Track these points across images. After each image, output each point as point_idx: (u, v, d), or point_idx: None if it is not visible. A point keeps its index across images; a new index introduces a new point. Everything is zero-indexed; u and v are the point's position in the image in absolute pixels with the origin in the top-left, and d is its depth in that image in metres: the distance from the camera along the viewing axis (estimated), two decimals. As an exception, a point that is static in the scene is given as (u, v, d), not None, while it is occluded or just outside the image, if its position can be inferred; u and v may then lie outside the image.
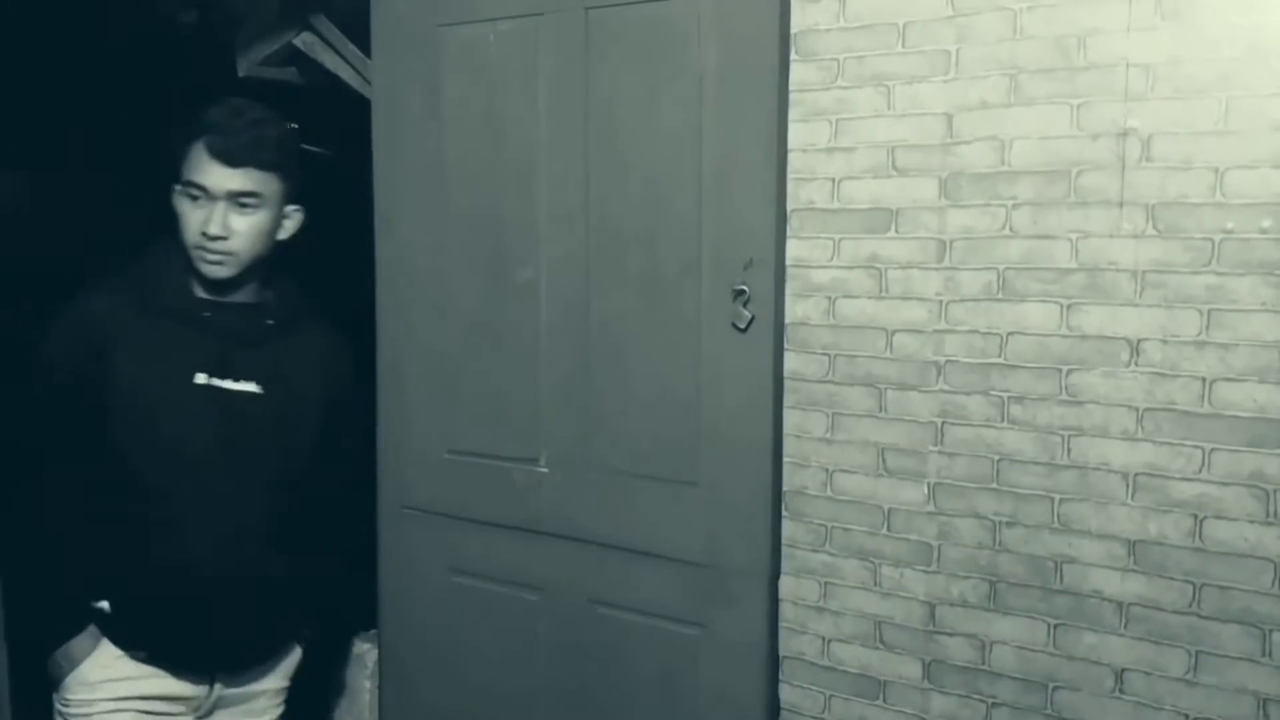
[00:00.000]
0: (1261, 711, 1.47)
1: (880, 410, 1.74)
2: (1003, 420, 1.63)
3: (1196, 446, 1.49)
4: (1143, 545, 1.53)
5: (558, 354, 2.06)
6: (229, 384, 1.83)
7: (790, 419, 1.83)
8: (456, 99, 2.13)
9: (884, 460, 1.74)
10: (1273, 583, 1.46)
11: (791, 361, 1.82)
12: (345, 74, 2.62)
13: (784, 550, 1.85)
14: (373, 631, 2.45)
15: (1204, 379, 1.48)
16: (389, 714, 2.38)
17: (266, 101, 1.88)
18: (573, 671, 2.09)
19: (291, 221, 1.88)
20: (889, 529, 1.74)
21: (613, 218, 1.98)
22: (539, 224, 2.06)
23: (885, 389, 1.73)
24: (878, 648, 1.75)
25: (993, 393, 1.63)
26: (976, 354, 1.65)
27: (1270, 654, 1.46)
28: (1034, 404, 1.60)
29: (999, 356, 1.63)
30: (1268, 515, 1.45)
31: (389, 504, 2.32)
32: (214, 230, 1.76)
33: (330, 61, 2.62)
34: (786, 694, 1.86)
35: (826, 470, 1.80)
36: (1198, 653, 1.51)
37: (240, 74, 2.73)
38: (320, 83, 2.72)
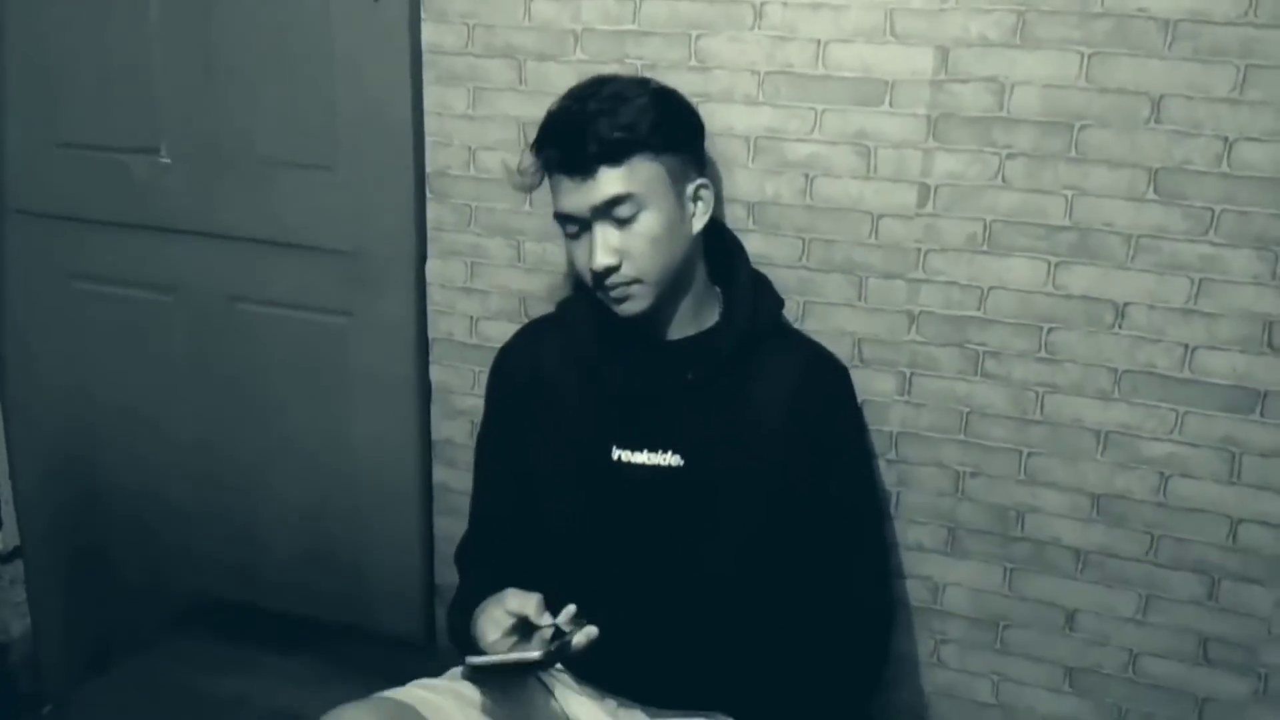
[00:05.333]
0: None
1: (520, 83, 1.71)
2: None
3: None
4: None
5: (173, 28, 1.86)
6: (641, 456, 1.41)
7: (430, 95, 1.76)
8: None
9: (524, 134, 1.72)
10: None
11: (429, 33, 1.74)
12: None
13: (429, 233, 1.83)
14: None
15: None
16: (15, 438, 2.23)
17: None
18: (215, 372, 2.02)
19: (702, 203, 1.39)
20: (531, 206, 1.75)
21: None
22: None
23: (525, 60, 1.69)
24: (523, 320, 1.78)
25: (629, 59, 1.63)
26: (612, 22, 1.63)
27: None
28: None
29: (633, 24, 1.62)
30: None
31: (-9, 207, 2.08)
32: (597, 263, 1.32)
33: None
34: (436, 374, 1.89)
35: (469, 149, 1.77)
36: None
37: None
38: None
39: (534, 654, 1.22)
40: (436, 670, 1.50)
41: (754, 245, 1.62)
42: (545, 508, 1.47)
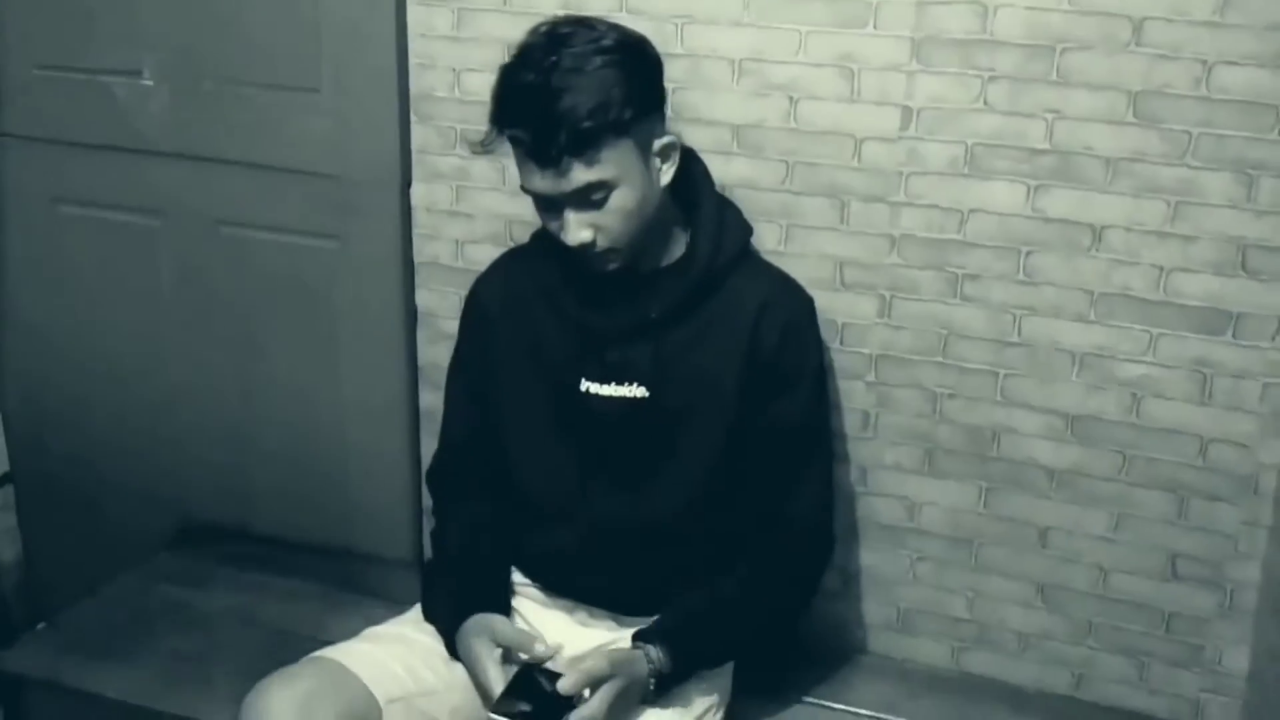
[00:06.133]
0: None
1: (504, 4, 1.70)
2: None
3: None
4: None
5: (154, -52, 1.85)
6: (608, 389, 1.43)
7: (414, 16, 1.75)
8: None
9: (508, 55, 1.71)
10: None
11: (412, -47, 1.73)
12: None
13: (414, 156, 1.83)
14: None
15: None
16: (3, 363, 2.23)
17: None
18: (202, 295, 2.02)
19: (669, 162, 1.36)
20: (516, 128, 1.75)
21: None
22: None
23: (509, -19, 1.69)
24: (508, 244, 1.79)
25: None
26: (597, -59, 1.63)
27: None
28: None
29: (619, -57, 1.62)
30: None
31: (-28, 130, 2.07)
32: (572, 242, 1.31)
33: None
34: (423, 298, 1.90)
35: (454, 71, 1.76)
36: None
37: None
38: None
39: None
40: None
41: (738, 169, 1.63)
42: (515, 435, 1.51)
